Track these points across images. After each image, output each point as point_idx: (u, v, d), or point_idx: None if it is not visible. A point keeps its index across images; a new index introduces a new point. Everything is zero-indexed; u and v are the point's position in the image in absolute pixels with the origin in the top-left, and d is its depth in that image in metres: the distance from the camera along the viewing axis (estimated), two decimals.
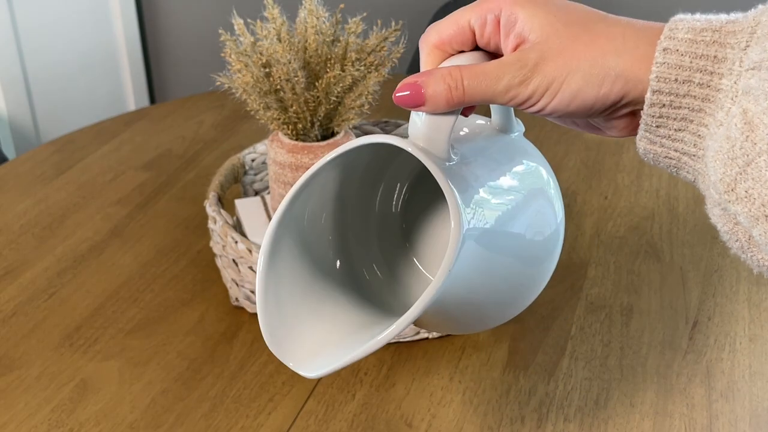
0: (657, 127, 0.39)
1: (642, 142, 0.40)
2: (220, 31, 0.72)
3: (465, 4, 0.41)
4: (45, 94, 1.82)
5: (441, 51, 0.42)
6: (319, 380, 0.71)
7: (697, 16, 0.38)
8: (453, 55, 0.42)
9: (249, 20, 0.74)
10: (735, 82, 0.36)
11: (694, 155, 0.39)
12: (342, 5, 0.76)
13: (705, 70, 0.37)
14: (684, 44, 0.37)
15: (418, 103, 0.40)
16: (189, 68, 2.09)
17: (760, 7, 0.37)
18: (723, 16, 0.37)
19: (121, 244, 0.90)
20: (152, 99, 2.14)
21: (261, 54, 0.72)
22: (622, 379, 0.72)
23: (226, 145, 1.12)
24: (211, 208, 0.78)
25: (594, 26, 0.39)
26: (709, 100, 0.37)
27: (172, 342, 0.75)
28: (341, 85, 0.71)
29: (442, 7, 1.63)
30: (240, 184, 0.89)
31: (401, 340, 0.75)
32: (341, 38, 0.74)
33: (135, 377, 0.71)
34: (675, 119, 0.38)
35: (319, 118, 0.73)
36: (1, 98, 1.71)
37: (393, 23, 0.74)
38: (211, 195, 0.80)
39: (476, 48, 0.42)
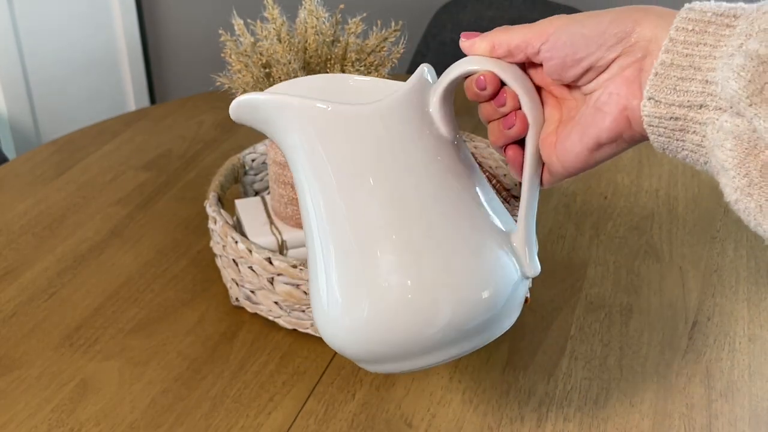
0: (664, 80, 0.40)
1: (647, 106, 0.41)
2: (220, 31, 0.72)
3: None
4: (45, 94, 1.82)
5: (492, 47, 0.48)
6: (318, 380, 0.71)
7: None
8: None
9: (249, 20, 0.74)
10: (751, 23, 0.38)
11: (701, 106, 0.39)
12: (342, 5, 0.76)
13: (720, 23, 0.39)
14: (703, 8, 0.40)
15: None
16: (189, 68, 2.09)
17: None
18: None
19: (121, 244, 0.90)
20: (152, 99, 2.14)
21: (261, 54, 0.72)
22: (621, 379, 0.72)
23: (226, 145, 1.12)
24: (211, 208, 0.78)
25: (593, 16, 0.44)
26: (720, 44, 0.39)
27: (173, 342, 0.75)
28: None
29: (442, 7, 1.63)
30: (240, 184, 0.89)
31: None
32: (341, 39, 0.74)
33: (135, 377, 0.71)
34: (683, 67, 0.40)
35: None
36: (2, 98, 1.71)
37: (393, 23, 0.74)
38: (211, 195, 0.80)
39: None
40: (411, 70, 1.63)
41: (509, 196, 0.91)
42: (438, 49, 1.62)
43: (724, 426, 0.67)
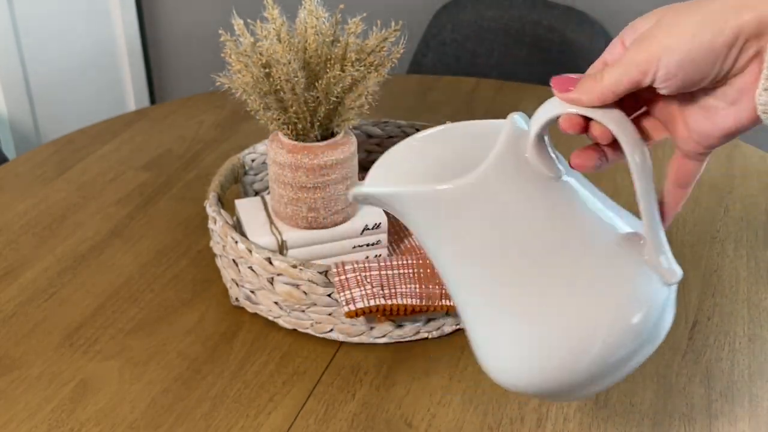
0: None
1: (763, 95, 0.40)
2: (220, 31, 0.72)
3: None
4: (45, 94, 1.82)
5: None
6: (318, 380, 0.71)
7: None
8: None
9: (249, 20, 0.74)
10: None
11: None
12: (342, 6, 0.76)
13: None
14: None
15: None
16: (189, 68, 2.09)
17: None
18: None
19: (121, 244, 0.90)
20: (152, 99, 2.14)
21: (261, 54, 0.72)
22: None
23: (226, 146, 1.12)
24: (211, 208, 0.78)
25: (693, 6, 0.41)
26: None
27: (172, 342, 0.75)
28: (341, 85, 0.71)
29: (442, 7, 1.63)
30: (240, 184, 0.89)
31: (401, 340, 0.75)
32: (341, 38, 0.74)
33: (135, 377, 0.71)
34: None
35: (319, 119, 0.73)
36: (2, 98, 1.71)
37: (393, 24, 0.74)
38: (211, 195, 0.80)
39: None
40: (411, 70, 1.63)
41: None
42: (438, 49, 1.62)
43: (724, 426, 0.67)
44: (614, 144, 0.47)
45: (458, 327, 0.76)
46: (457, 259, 0.48)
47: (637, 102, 0.48)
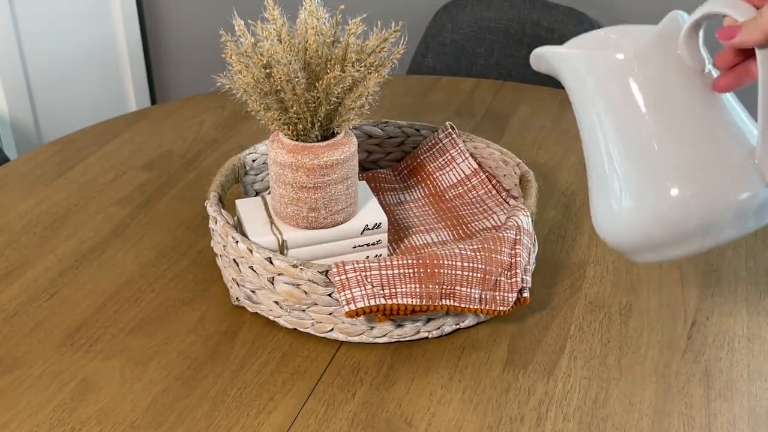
0: None
1: None
2: (220, 32, 0.72)
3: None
4: (46, 94, 1.82)
5: None
6: (319, 379, 0.71)
7: None
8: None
9: (249, 21, 0.74)
10: None
11: None
12: (342, 6, 0.76)
13: None
14: None
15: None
16: (190, 69, 2.09)
17: None
18: None
19: (122, 244, 0.90)
20: (153, 99, 2.14)
21: (261, 55, 0.72)
22: (620, 379, 0.72)
23: (226, 146, 1.12)
24: (212, 208, 0.78)
25: None
26: None
27: (173, 341, 0.76)
28: (341, 85, 0.72)
29: (442, 7, 1.63)
30: (240, 184, 0.89)
31: (401, 339, 0.75)
32: (341, 39, 0.74)
33: (136, 376, 0.71)
34: None
35: (320, 119, 0.74)
36: (3, 99, 1.71)
37: (393, 24, 0.74)
38: (212, 195, 0.80)
39: None
40: (411, 71, 1.63)
41: (509, 196, 0.91)
42: (438, 49, 1.62)
43: (723, 425, 0.67)
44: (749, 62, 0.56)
45: (458, 327, 0.76)
46: (610, 124, 0.58)
47: None
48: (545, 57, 0.62)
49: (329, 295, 0.72)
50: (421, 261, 0.71)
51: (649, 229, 0.58)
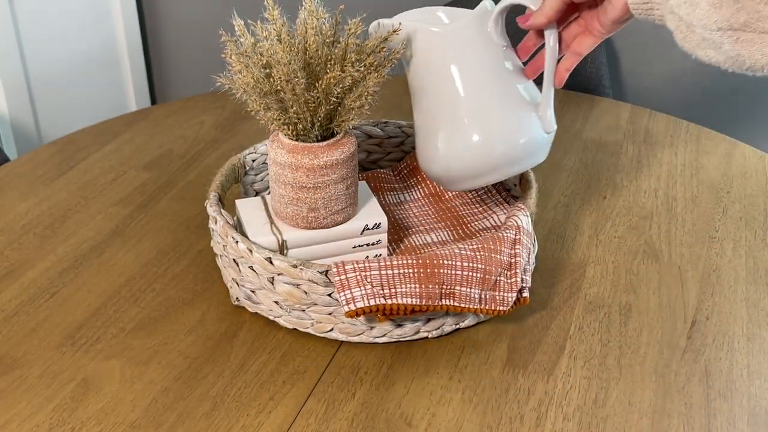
0: None
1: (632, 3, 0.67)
2: (220, 32, 0.72)
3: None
4: (46, 94, 1.82)
5: None
6: (319, 379, 0.71)
7: None
8: None
9: (249, 21, 0.74)
10: None
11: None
12: (342, 6, 0.76)
13: None
14: None
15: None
16: (190, 69, 2.09)
17: None
18: None
19: (122, 244, 0.90)
20: (153, 99, 2.14)
21: (261, 55, 0.72)
22: (620, 379, 0.72)
23: (226, 146, 1.12)
24: (212, 208, 0.78)
25: None
26: None
27: (173, 341, 0.76)
28: (341, 85, 0.72)
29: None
30: (240, 184, 0.90)
31: (401, 339, 0.75)
32: (341, 39, 0.74)
33: (136, 376, 0.71)
34: None
35: (319, 119, 0.74)
36: (3, 99, 1.71)
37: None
38: (212, 195, 0.80)
39: None
40: None
41: (509, 196, 0.91)
42: None
43: (723, 425, 0.67)
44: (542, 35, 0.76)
45: (458, 327, 0.76)
46: (433, 85, 0.76)
47: (571, 14, 0.75)
48: (385, 26, 0.76)
49: (329, 295, 0.72)
50: (420, 261, 0.71)
51: (461, 163, 0.76)
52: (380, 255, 0.81)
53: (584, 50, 0.75)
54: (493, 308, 0.73)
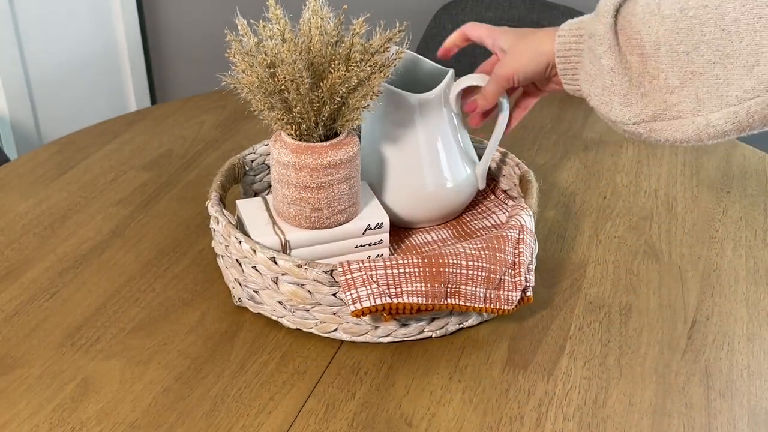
0: (564, 71, 0.74)
1: (565, 85, 0.74)
2: (225, 31, 0.72)
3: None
4: (46, 94, 1.82)
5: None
6: (319, 380, 0.71)
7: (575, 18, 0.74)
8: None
9: (252, 21, 0.74)
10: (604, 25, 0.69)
11: (577, 82, 0.73)
12: (345, 6, 0.76)
13: (580, 36, 0.72)
14: (567, 31, 0.73)
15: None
16: (190, 69, 2.09)
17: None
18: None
19: (122, 244, 0.90)
20: (153, 99, 2.14)
21: (266, 54, 0.72)
22: (620, 379, 0.72)
23: (226, 146, 1.12)
24: (213, 208, 0.78)
25: (530, 35, 0.77)
26: (582, 52, 0.71)
27: (173, 341, 0.76)
28: (346, 85, 0.72)
29: (443, 7, 1.64)
30: (240, 184, 0.89)
31: (403, 339, 0.75)
32: (345, 39, 0.74)
33: (136, 376, 0.71)
34: (569, 65, 0.73)
35: (323, 119, 0.74)
36: (3, 99, 1.71)
37: (397, 24, 0.74)
38: (213, 195, 0.80)
39: None
40: None
41: (507, 197, 0.91)
42: (438, 49, 1.62)
43: (723, 425, 0.67)
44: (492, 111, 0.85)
45: (461, 326, 0.77)
46: (389, 142, 0.84)
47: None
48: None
49: (334, 294, 0.72)
50: (426, 260, 0.71)
51: (415, 209, 0.85)
52: (382, 255, 0.81)
53: (530, 105, 0.84)
54: (498, 307, 0.73)
